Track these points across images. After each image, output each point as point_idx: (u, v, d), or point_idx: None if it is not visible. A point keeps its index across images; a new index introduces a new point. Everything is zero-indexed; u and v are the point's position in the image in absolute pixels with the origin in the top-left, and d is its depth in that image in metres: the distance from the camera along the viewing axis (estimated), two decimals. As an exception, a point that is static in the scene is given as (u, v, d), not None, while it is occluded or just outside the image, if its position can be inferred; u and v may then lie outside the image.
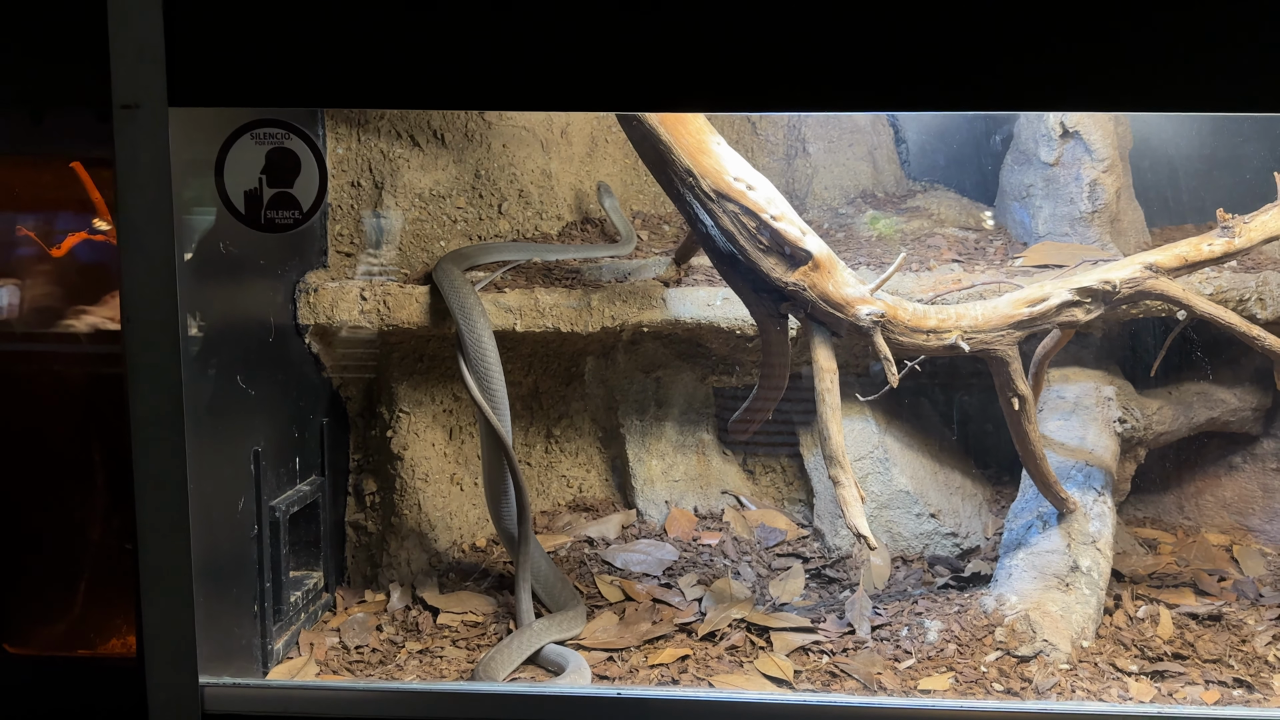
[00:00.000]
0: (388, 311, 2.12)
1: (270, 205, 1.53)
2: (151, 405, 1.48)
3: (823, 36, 1.40)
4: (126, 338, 1.48)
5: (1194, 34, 1.37)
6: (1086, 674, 1.85)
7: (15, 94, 1.54)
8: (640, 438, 2.48)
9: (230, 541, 1.76)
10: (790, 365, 2.03)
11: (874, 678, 1.86)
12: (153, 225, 1.46)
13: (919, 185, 2.74)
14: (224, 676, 1.58)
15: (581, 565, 2.28)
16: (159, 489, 1.49)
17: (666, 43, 1.42)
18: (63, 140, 1.61)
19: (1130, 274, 1.96)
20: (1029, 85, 1.43)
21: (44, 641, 1.76)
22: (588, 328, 2.20)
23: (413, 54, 1.42)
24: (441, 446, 2.34)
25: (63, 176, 1.71)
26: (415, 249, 2.31)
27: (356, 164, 2.30)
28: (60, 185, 1.72)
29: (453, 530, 2.33)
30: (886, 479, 2.33)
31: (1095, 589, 2.02)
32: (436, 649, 2.01)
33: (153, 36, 1.42)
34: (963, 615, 2.00)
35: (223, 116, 1.55)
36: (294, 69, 1.45)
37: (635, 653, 1.99)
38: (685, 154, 1.85)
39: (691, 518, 2.46)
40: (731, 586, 2.18)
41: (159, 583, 1.51)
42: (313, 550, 2.14)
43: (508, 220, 2.41)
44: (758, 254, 1.88)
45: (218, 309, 1.70)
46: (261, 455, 1.84)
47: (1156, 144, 2.47)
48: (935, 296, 2.16)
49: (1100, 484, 2.20)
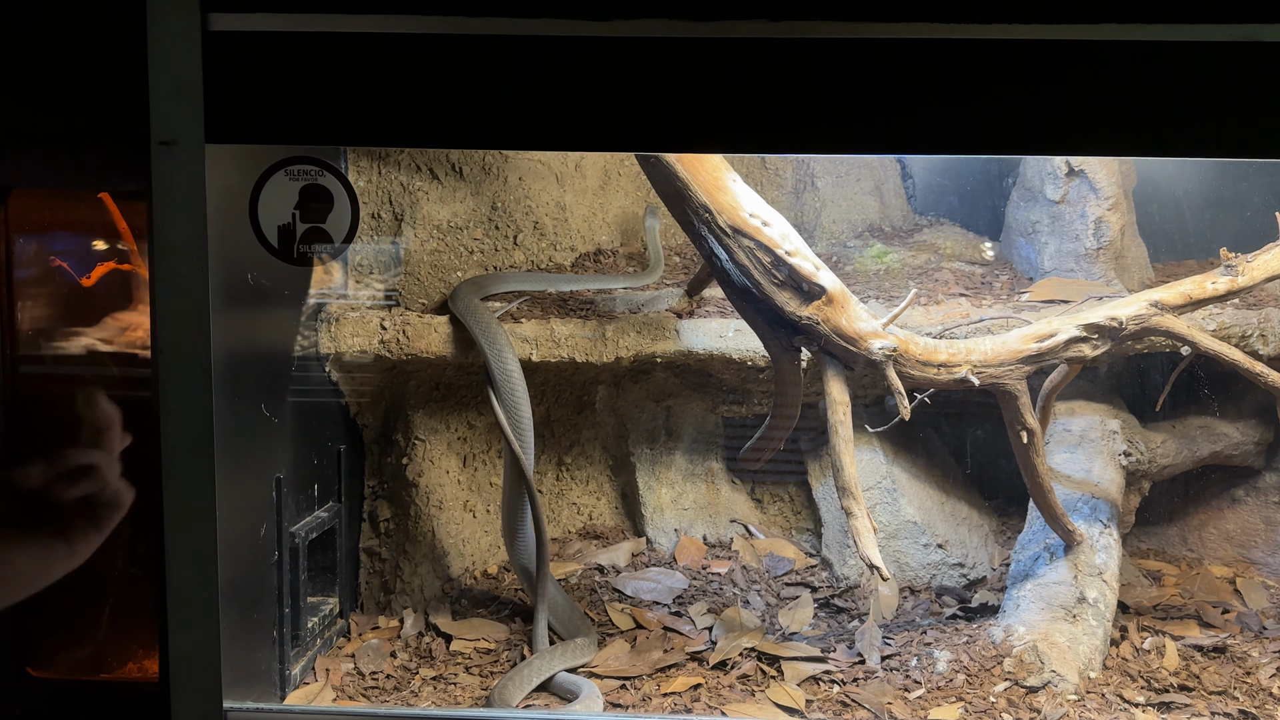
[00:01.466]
0: (407, 341, 2.16)
1: (303, 239, 1.57)
2: (182, 433, 1.51)
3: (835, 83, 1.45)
4: (159, 367, 1.51)
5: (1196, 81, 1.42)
6: (1094, 705, 1.88)
7: (56, 129, 1.58)
8: (650, 466, 2.51)
9: (252, 567, 1.79)
10: (802, 397, 2.07)
11: (885, 708, 1.88)
12: (187, 257, 1.49)
13: (925, 220, 2.79)
14: (247, 701, 1.60)
15: (592, 593, 2.30)
16: (188, 515, 1.52)
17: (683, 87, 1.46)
18: (98, 174, 1.64)
19: (1136, 311, 2.00)
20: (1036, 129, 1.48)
21: (67, 665, 1.77)
22: (602, 358, 2.24)
23: (438, 97, 1.47)
24: (455, 474, 2.37)
25: (96, 209, 1.75)
26: (433, 279, 2.35)
27: (377, 196, 2.34)
28: (93, 218, 1.77)
29: (465, 557, 2.36)
30: (894, 509, 2.36)
31: (1102, 620, 2.05)
32: (450, 675, 2.03)
33: (191, 75, 1.47)
34: (971, 646, 2.02)
35: (257, 153, 1.59)
36: (326, 109, 1.49)
37: (648, 681, 2.01)
38: (702, 190, 1.89)
39: (701, 546, 2.49)
40: (741, 615, 2.20)
41: (186, 607, 1.54)
42: (329, 576, 2.16)
43: (523, 251, 2.45)
44: (772, 288, 1.92)
45: (244, 338, 1.73)
46: (283, 482, 1.87)
47: (1160, 182, 2.52)
48: (943, 330, 2.20)
49: (1106, 516, 2.23)
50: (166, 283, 1.50)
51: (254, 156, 1.61)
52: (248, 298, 1.75)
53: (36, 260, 1.72)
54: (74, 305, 1.77)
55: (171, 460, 1.51)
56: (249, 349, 1.76)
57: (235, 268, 1.67)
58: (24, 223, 1.66)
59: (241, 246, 1.63)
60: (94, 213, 1.79)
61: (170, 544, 1.54)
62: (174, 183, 1.48)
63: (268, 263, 1.66)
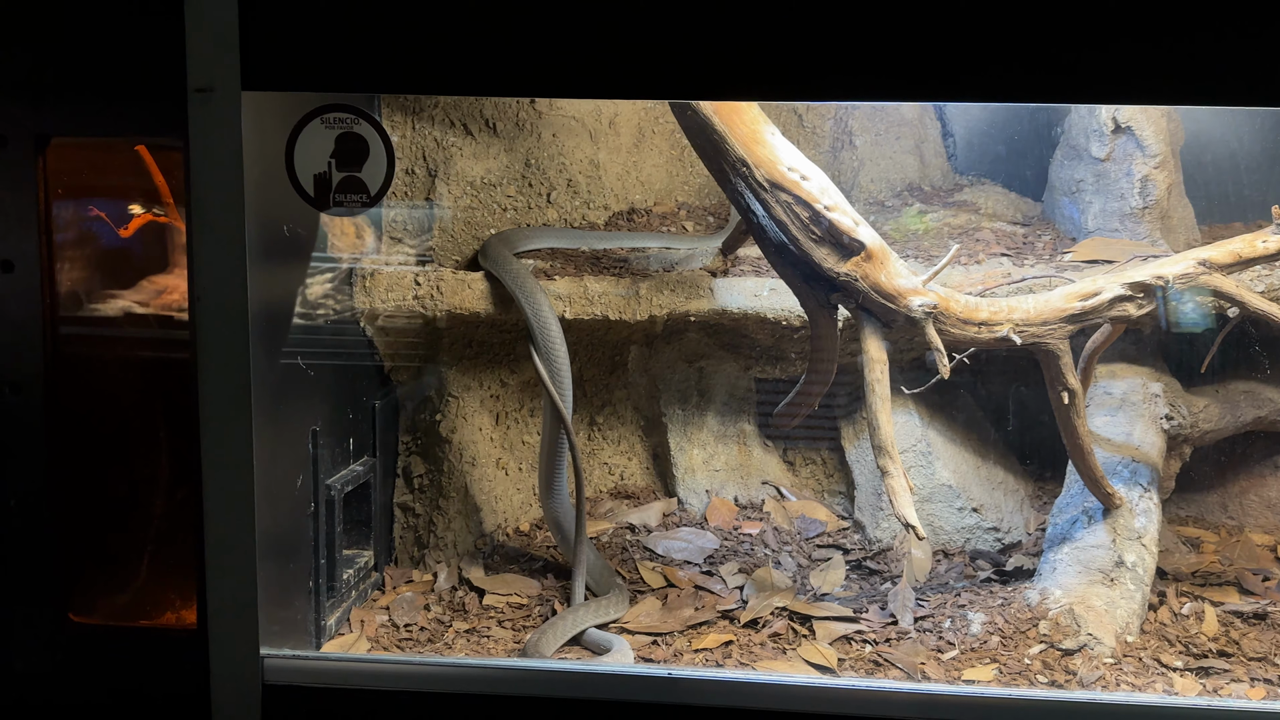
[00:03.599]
0: (441, 297, 2.16)
1: (339, 189, 1.56)
2: (220, 384, 1.52)
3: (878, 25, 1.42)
4: (196, 316, 1.52)
5: (1255, 28, 1.37)
6: (1131, 669, 1.86)
7: (90, 79, 1.58)
8: (682, 427, 2.50)
9: (289, 519, 1.80)
10: (838, 356, 2.05)
11: (918, 667, 1.87)
12: (224, 207, 1.49)
13: (966, 179, 2.74)
14: (284, 649, 1.62)
15: (623, 551, 2.31)
16: (226, 465, 1.53)
17: (722, 31, 1.43)
18: (133, 124, 1.64)
19: (1183, 269, 1.96)
20: (1087, 77, 1.44)
21: (106, 612, 1.80)
22: (635, 316, 2.22)
23: (473, 42, 1.45)
24: (489, 431, 2.37)
25: (132, 160, 1.75)
26: (466, 236, 2.34)
27: (411, 152, 2.33)
28: (129, 168, 1.77)
29: (498, 514, 2.37)
30: (929, 472, 2.34)
31: (1140, 584, 2.02)
32: (483, 629, 2.05)
33: (227, 22, 1.46)
34: (1006, 608, 2.01)
35: (292, 101, 1.58)
36: (363, 55, 1.48)
37: (679, 637, 2.01)
38: (739, 144, 1.86)
39: (732, 507, 2.48)
40: (773, 575, 2.19)
41: (224, 557, 1.55)
42: (363, 530, 2.18)
43: (556, 209, 2.43)
44: (810, 244, 1.89)
45: (280, 291, 1.74)
46: (319, 435, 1.88)
47: (1208, 140, 2.45)
48: (984, 290, 2.16)
49: (1146, 480, 2.20)
50: (203, 232, 1.50)
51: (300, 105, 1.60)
52: (283, 250, 1.75)
53: (75, 210, 1.73)
54: (111, 256, 1.78)
55: (209, 409, 1.52)
56: (285, 301, 1.76)
57: (271, 219, 1.67)
58: (62, 172, 1.66)
59: (276, 196, 1.62)
60: (131, 164, 1.79)
61: (209, 494, 1.55)
62: (211, 131, 1.48)
63: (304, 215, 1.66)
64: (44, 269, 1.65)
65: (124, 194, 1.81)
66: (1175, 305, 1.99)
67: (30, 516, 1.67)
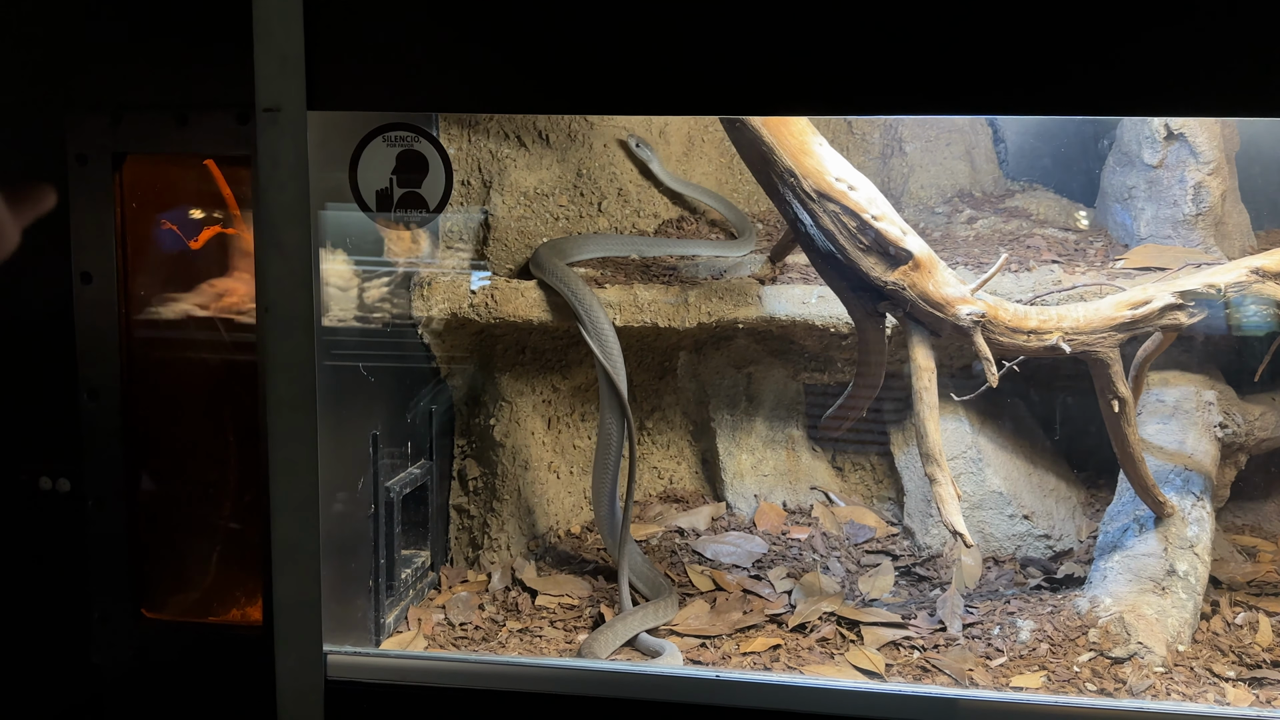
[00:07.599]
0: (495, 305, 2.21)
1: (400, 204, 1.62)
2: (287, 390, 1.58)
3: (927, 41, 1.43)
4: (264, 326, 1.58)
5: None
6: (1182, 678, 1.85)
7: (164, 99, 1.65)
8: (731, 432, 2.53)
9: (350, 520, 1.86)
10: (886, 364, 2.06)
11: (966, 674, 1.88)
12: (291, 220, 1.56)
13: (1017, 185, 2.73)
14: (346, 645, 1.68)
15: (672, 555, 2.34)
16: (292, 469, 1.60)
17: (772, 49, 1.46)
18: (204, 141, 1.71)
19: (1236, 278, 1.94)
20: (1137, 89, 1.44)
21: (177, 608, 1.88)
22: (684, 323, 2.26)
23: (525, 63, 1.50)
24: (541, 435, 2.43)
25: (202, 175, 1.83)
26: (520, 245, 2.39)
27: (467, 164, 2.39)
28: (200, 184, 1.84)
29: (549, 516, 2.42)
30: (980, 479, 2.34)
31: (1192, 594, 2.01)
32: (536, 629, 2.09)
33: (294, 45, 1.52)
34: (1055, 616, 2.01)
35: (356, 120, 1.64)
36: (421, 77, 1.53)
37: (727, 640, 2.04)
38: (787, 155, 1.89)
39: (780, 512, 2.50)
40: (821, 581, 2.21)
41: (290, 556, 1.62)
42: (420, 531, 2.24)
43: (607, 218, 2.48)
44: (857, 253, 1.91)
45: (343, 300, 1.80)
46: (379, 439, 1.94)
47: (1265, 145, 2.42)
48: (1035, 297, 2.16)
49: (1199, 489, 2.18)
50: (270, 245, 1.57)
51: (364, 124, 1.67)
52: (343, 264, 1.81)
53: (149, 223, 1.81)
54: (182, 267, 1.86)
55: (277, 416, 1.59)
56: (347, 310, 1.82)
57: (335, 232, 1.74)
58: (137, 187, 1.74)
59: (342, 211, 1.68)
60: (200, 179, 1.87)
61: (275, 496, 1.62)
62: (278, 148, 1.54)
63: (367, 229, 1.72)
64: (120, 280, 1.73)
65: (194, 207, 1.89)
66: (1230, 312, 1.98)
67: (108, 516, 1.75)
